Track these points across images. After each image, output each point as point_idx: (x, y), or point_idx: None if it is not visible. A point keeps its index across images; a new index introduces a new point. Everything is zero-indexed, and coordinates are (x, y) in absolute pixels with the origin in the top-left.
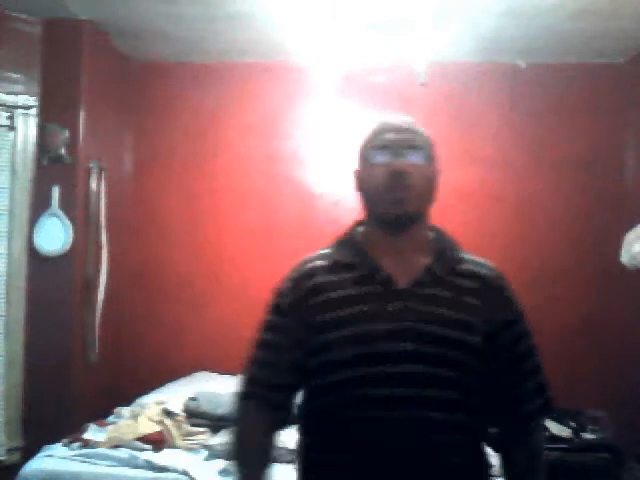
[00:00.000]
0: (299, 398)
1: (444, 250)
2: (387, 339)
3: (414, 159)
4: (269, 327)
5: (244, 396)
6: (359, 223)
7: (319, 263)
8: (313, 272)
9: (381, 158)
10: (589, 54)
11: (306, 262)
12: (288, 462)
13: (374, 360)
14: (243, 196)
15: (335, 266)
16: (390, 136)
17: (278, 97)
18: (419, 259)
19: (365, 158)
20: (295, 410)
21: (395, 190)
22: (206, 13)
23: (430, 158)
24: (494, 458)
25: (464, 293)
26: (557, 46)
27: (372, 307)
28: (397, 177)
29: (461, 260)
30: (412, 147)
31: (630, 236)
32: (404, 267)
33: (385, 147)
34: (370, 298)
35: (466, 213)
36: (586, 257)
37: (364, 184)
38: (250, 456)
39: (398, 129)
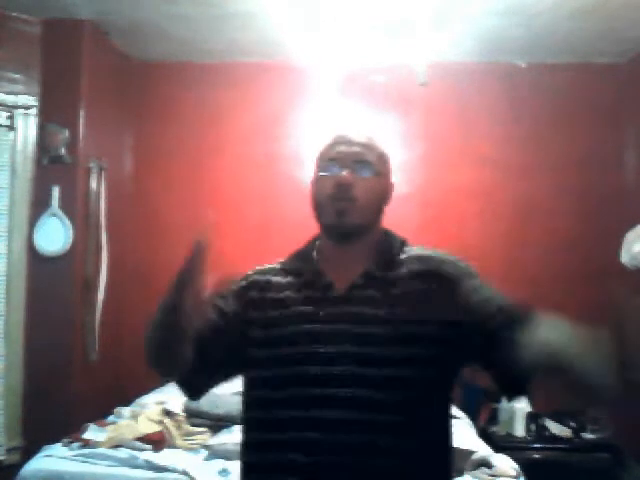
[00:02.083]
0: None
1: (384, 250)
2: (319, 341)
3: (362, 173)
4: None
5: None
6: (318, 237)
7: (271, 267)
8: (265, 272)
9: (330, 170)
10: (589, 54)
11: (259, 266)
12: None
13: (305, 360)
14: (243, 196)
15: (284, 272)
16: (341, 149)
17: (278, 97)
18: (362, 265)
19: (317, 169)
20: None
21: (339, 201)
22: (206, 13)
23: (380, 173)
24: (497, 459)
25: (399, 284)
26: (557, 46)
27: (308, 310)
28: (342, 188)
29: (402, 253)
30: (361, 161)
31: (630, 236)
32: (347, 274)
33: (335, 159)
34: (309, 302)
35: (466, 213)
36: (586, 257)
37: (315, 194)
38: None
39: (350, 142)
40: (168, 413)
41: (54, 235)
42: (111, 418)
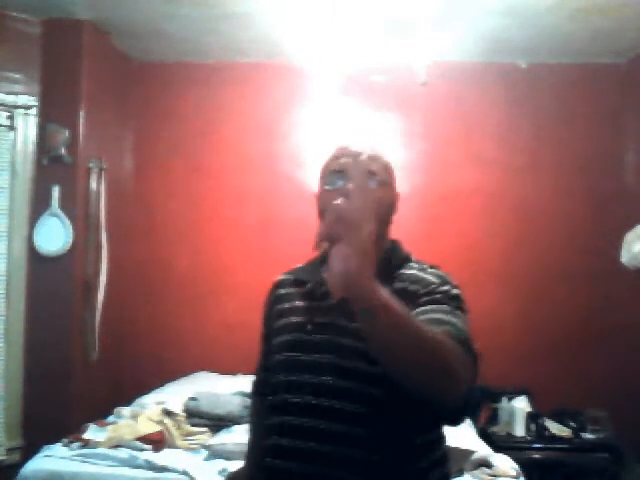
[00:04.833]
0: None
1: (385, 264)
2: (307, 350)
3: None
4: (261, 336)
5: (251, 395)
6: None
7: (287, 277)
8: (279, 284)
9: (334, 182)
10: (589, 54)
11: (281, 275)
12: None
13: (295, 368)
14: (243, 196)
15: (295, 281)
16: (345, 161)
17: (278, 97)
18: None
19: (322, 182)
20: None
21: None
22: (206, 13)
23: (385, 183)
24: (497, 459)
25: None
26: (557, 46)
27: (300, 320)
28: None
29: (402, 269)
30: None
31: (630, 236)
32: None
33: (339, 171)
34: (304, 311)
35: (466, 213)
36: (586, 257)
37: (321, 208)
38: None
39: (353, 154)
40: (168, 413)
41: (54, 235)
42: (111, 418)
